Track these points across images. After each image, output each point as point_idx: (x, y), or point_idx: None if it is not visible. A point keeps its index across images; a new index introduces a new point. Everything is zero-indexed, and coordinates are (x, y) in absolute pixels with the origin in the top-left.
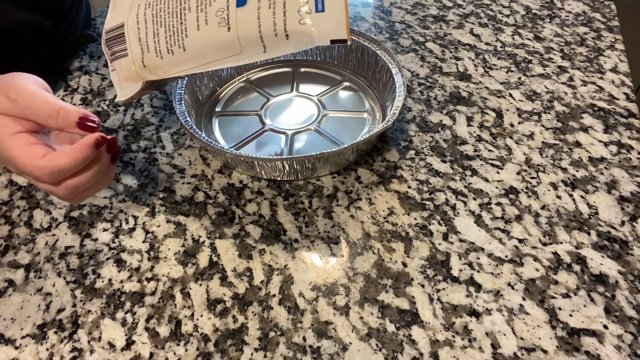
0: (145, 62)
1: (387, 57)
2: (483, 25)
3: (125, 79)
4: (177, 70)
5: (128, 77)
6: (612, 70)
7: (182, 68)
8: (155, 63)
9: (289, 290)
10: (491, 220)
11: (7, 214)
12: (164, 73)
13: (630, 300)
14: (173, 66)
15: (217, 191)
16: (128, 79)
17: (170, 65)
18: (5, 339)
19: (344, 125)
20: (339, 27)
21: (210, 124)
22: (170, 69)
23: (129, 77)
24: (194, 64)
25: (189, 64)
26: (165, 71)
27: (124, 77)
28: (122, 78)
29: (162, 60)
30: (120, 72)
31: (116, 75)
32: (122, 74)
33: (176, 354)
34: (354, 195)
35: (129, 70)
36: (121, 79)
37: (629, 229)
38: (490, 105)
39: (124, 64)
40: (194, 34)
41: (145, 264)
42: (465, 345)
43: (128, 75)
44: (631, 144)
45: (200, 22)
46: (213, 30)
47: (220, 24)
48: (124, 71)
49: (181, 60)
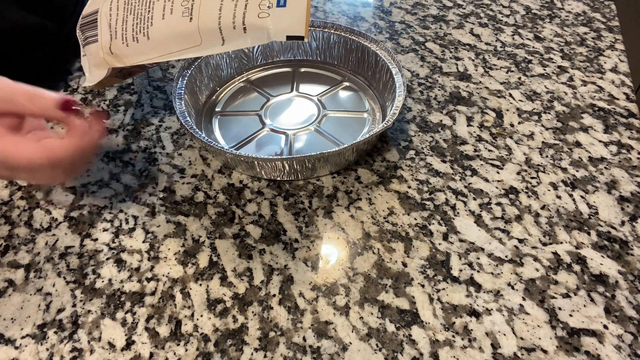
0: (113, 48)
1: (387, 57)
2: (483, 25)
3: (95, 65)
4: (142, 58)
5: (97, 63)
6: (612, 70)
7: (146, 57)
8: (121, 50)
9: (289, 290)
10: (491, 220)
11: (7, 214)
12: (129, 60)
13: (630, 300)
14: (138, 54)
15: (217, 191)
16: (97, 64)
17: (135, 54)
18: (5, 339)
19: (344, 125)
20: (297, 23)
21: (210, 124)
22: (135, 57)
23: (97, 63)
24: (157, 53)
25: (152, 53)
26: (131, 59)
27: (93, 63)
28: (91, 64)
29: (128, 47)
30: (90, 58)
31: (86, 61)
32: (92, 59)
33: (176, 354)
34: (354, 195)
35: (98, 56)
36: (91, 65)
37: (629, 229)
38: (490, 105)
39: (93, 49)
40: (159, 23)
41: (145, 264)
42: (465, 345)
43: (97, 61)
44: (631, 144)
45: (166, 10)
46: (176, 19)
47: (184, 13)
48: (93, 57)
49: (145, 49)
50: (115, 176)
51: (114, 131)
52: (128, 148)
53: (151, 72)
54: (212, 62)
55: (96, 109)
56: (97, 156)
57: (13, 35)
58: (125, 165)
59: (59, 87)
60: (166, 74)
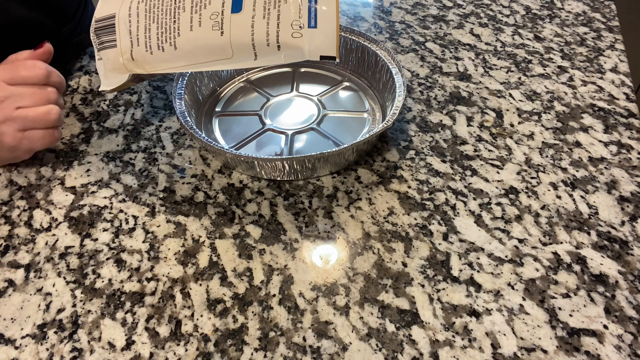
0: (134, 55)
1: (387, 57)
2: (483, 25)
3: (112, 69)
4: (166, 66)
5: (114, 68)
6: (612, 70)
7: (170, 65)
8: (144, 57)
9: (289, 290)
10: (491, 220)
11: (7, 214)
12: (151, 68)
13: (630, 300)
14: (162, 62)
15: (217, 191)
16: (114, 69)
17: (159, 61)
18: (5, 339)
19: (344, 125)
20: (329, 43)
21: (210, 124)
22: (159, 65)
23: (115, 67)
24: (184, 62)
25: (178, 62)
26: (154, 66)
27: (110, 68)
28: (108, 68)
29: (152, 55)
30: (106, 62)
31: (102, 65)
32: (108, 64)
33: (176, 354)
34: (354, 195)
35: (116, 61)
36: (107, 69)
37: (629, 229)
38: (490, 105)
39: (111, 54)
40: (187, 34)
41: (145, 264)
42: (465, 345)
43: (115, 66)
44: (631, 144)
45: (194, 22)
46: (206, 32)
47: (214, 27)
48: (110, 61)
49: (171, 58)
50: (115, 176)
51: (114, 131)
52: (128, 148)
53: None
54: None
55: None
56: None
57: (11, 30)
58: (125, 165)
59: None
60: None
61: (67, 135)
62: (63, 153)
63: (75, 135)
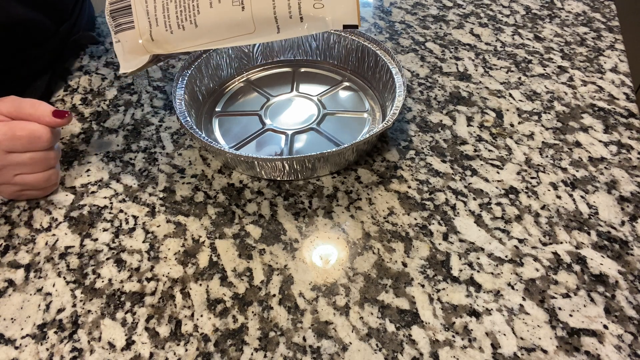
0: (154, 35)
1: (387, 57)
2: (483, 25)
3: (130, 51)
4: (187, 45)
5: (133, 50)
6: (612, 70)
7: (192, 43)
8: (164, 37)
9: (289, 290)
10: (491, 220)
11: (7, 214)
12: (172, 47)
13: (630, 300)
14: (183, 41)
15: (217, 191)
16: (133, 51)
17: (179, 40)
18: (5, 339)
19: (344, 125)
20: (351, 12)
21: (210, 124)
22: (180, 44)
23: (134, 49)
24: (205, 40)
25: (199, 39)
26: (175, 45)
27: (128, 49)
28: (126, 50)
29: (172, 34)
30: (125, 44)
31: (120, 47)
32: (127, 46)
33: (176, 354)
34: (354, 195)
35: (135, 42)
36: (125, 51)
37: (629, 229)
38: (490, 105)
39: (129, 36)
40: (207, 11)
41: (145, 264)
42: (465, 345)
43: (133, 47)
44: (631, 144)
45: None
46: (227, 8)
47: (234, 2)
48: (129, 43)
49: (192, 36)
50: (115, 176)
51: (114, 131)
52: (128, 148)
53: (151, 72)
54: (212, 62)
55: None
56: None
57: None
58: (125, 165)
59: (59, 86)
60: (166, 74)
61: (67, 135)
62: (63, 153)
63: (75, 135)
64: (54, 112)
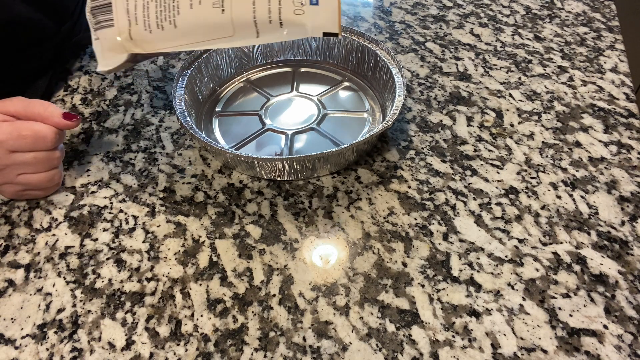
0: (133, 34)
1: (387, 57)
2: (483, 25)
3: (109, 49)
4: (165, 45)
5: (112, 48)
6: (612, 70)
7: (170, 44)
8: (143, 36)
9: (289, 290)
10: (491, 220)
11: (7, 214)
12: (151, 47)
13: (630, 300)
14: (161, 41)
15: (217, 191)
16: (111, 49)
17: (158, 40)
18: (5, 339)
19: (344, 125)
20: (331, 20)
21: (210, 124)
22: (159, 44)
23: (112, 47)
24: (184, 41)
25: (178, 41)
26: (153, 46)
27: (107, 47)
28: (105, 48)
29: (151, 34)
30: (103, 42)
31: (99, 45)
32: (105, 43)
33: (176, 354)
34: (354, 195)
35: (114, 40)
36: (104, 49)
37: (629, 229)
38: (490, 105)
39: (108, 34)
40: (187, 12)
41: (145, 264)
42: (465, 345)
43: (112, 45)
44: (631, 144)
45: (193, 1)
46: (207, 10)
47: (215, 5)
48: (107, 41)
49: (171, 37)
50: (115, 176)
51: (114, 131)
52: (128, 148)
53: (151, 72)
54: (212, 62)
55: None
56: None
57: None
58: (125, 165)
59: (59, 86)
60: (166, 74)
61: (67, 135)
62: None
63: (75, 135)
64: (64, 114)
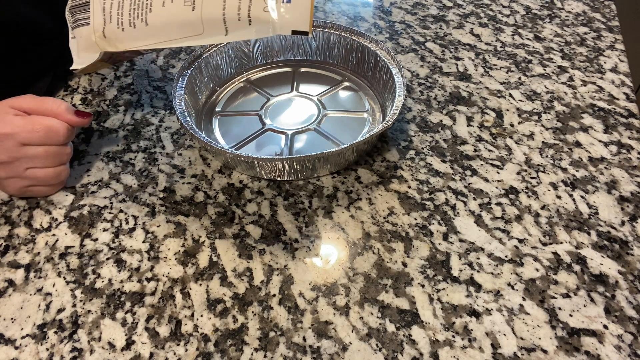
0: (106, 32)
1: (387, 57)
2: (483, 25)
3: (85, 48)
4: (137, 44)
5: (87, 47)
6: (612, 70)
7: (142, 43)
8: (115, 34)
9: (289, 290)
10: (491, 220)
11: (7, 214)
12: (123, 46)
13: (630, 300)
14: (133, 40)
15: (217, 191)
16: (87, 48)
17: (130, 39)
18: (5, 339)
19: (344, 125)
20: (302, 18)
21: (210, 124)
22: (130, 42)
23: (88, 46)
24: (155, 40)
25: (149, 39)
26: (125, 44)
27: (83, 46)
28: (80, 47)
29: (123, 32)
30: (80, 41)
31: (75, 44)
32: (81, 42)
33: (176, 354)
34: (354, 195)
35: (89, 39)
36: (80, 48)
37: (629, 229)
38: (490, 105)
39: (84, 32)
40: (159, 10)
41: (145, 264)
42: (465, 345)
43: (87, 44)
44: (631, 144)
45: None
46: (178, 8)
47: (186, 2)
48: (83, 40)
49: (142, 35)
50: (115, 176)
51: (114, 131)
52: (128, 148)
53: (151, 72)
54: (212, 62)
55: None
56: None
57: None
58: (125, 165)
59: (59, 87)
60: (166, 74)
61: None
62: None
63: (75, 135)
64: (76, 111)
